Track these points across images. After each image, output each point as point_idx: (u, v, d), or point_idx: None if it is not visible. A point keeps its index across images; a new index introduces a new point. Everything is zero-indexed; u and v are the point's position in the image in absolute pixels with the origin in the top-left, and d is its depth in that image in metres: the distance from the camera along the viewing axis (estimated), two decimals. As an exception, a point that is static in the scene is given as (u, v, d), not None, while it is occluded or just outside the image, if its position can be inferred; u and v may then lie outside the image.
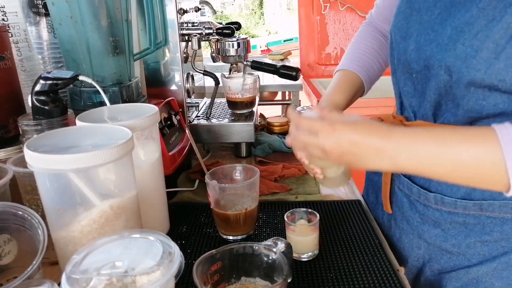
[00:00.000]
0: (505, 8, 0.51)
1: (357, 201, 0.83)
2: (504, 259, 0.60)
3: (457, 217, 0.63)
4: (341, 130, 0.53)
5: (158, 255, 0.38)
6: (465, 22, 0.55)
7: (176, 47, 0.96)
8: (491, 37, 0.52)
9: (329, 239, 0.69)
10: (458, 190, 0.62)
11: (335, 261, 0.63)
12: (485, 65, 0.54)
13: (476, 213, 0.61)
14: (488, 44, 0.53)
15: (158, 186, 0.69)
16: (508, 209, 0.59)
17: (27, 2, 0.79)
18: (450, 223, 0.64)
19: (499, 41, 0.52)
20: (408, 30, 0.65)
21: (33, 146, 0.47)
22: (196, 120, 1.06)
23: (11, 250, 0.52)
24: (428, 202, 0.65)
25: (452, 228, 0.64)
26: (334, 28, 2.37)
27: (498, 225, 0.60)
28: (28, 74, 0.81)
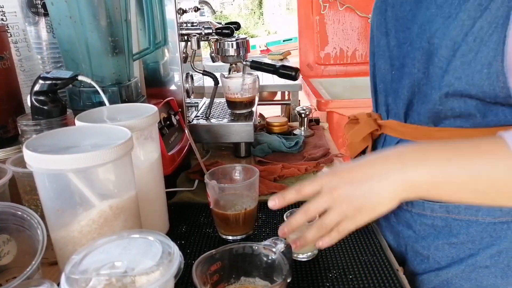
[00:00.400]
0: (459, 5, 0.52)
1: (356, 201, 0.82)
2: (471, 261, 0.61)
3: (425, 219, 0.64)
4: (340, 171, 0.51)
5: (157, 255, 0.38)
6: (426, 20, 0.56)
7: (176, 47, 0.96)
8: (448, 34, 0.53)
9: (329, 239, 0.69)
10: None
11: (335, 261, 0.63)
12: (445, 63, 0.54)
13: (443, 215, 0.62)
14: (447, 42, 0.53)
15: (158, 186, 0.69)
16: (473, 211, 0.59)
17: (26, 2, 0.79)
18: (420, 224, 0.65)
19: (455, 39, 0.52)
20: (387, 26, 0.66)
21: (32, 146, 0.47)
22: (195, 120, 1.06)
23: (10, 250, 0.52)
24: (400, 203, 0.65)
25: (422, 230, 0.65)
26: (334, 28, 2.37)
27: (464, 228, 0.61)
28: (27, 74, 0.81)
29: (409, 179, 0.46)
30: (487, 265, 0.60)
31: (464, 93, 0.55)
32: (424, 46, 0.57)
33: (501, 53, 0.50)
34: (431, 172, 0.46)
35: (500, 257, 0.60)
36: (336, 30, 2.37)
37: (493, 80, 0.52)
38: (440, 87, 0.57)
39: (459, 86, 0.54)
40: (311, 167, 0.97)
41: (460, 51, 0.53)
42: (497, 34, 0.49)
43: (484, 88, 0.53)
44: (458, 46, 0.52)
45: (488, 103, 0.55)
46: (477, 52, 0.51)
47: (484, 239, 0.60)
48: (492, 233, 0.59)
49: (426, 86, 0.59)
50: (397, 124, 0.67)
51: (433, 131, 0.61)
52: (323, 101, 1.80)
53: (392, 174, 0.47)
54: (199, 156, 0.80)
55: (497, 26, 0.49)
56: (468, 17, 0.51)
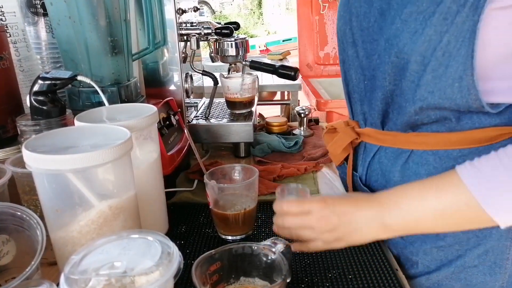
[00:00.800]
0: (425, 20, 0.51)
1: (356, 201, 0.82)
2: (460, 262, 0.62)
3: None
4: (332, 203, 0.56)
5: (157, 256, 0.38)
6: (393, 34, 0.55)
7: (175, 47, 0.96)
8: (417, 50, 0.53)
9: (328, 239, 0.69)
10: None
11: (334, 261, 0.63)
12: (417, 77, 0.55)
13: None
14: (416, 57, 0.53)
15: (157, 186, 0.69)
16: None
17: (25, 2, 0.79)
18: None
19: (424, 54, 0.52)
20: (353, 36, 0.65)
21: (32, 147, 0.47)
22: (195, 120, 1.06)
23: (9, 250, 0.52)
24: None
25: (410, 236, 0.66)
26: (333, 28, 2.37)
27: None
28: (27, 74, 0.81)
29: (386, 224, 0.54)
30: (475, 265, 0.62)
31: (438, 106, 0.55)
32: (393, 61, 0.56)
33: (471, 67, 0.50)
34: (402, 219, 0.53)
35: (487, 256, 0.61)
36: (335, 30, 2.36)
37: (465, 93, 0.52)
38: (414, 100, 0.57)
39: (432, 100, 0.55)
40: (310, 167, 0.97)
41: (430, 65, 0.52)
42: (465, 48, 0.49)
43: (457, 101, 0.53)
44: (428, 61, 0.52)
45: (459, 113, 0.56)
46: (447, 67, 0.51)
47: (471, 239, 0.61)
48: (477, 233, 0.60)
49: (400, 98, 0.59)
50: (376, 132, 0.67)
51: (411, 137, 0.62)
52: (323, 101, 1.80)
53: (373, 220, 0.54)
54: (198, 156, 0.80)
55: (464, 40, 0.49)
56: (435, 32, 0.50)
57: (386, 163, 0.67)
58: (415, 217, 0.52)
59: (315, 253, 0.65)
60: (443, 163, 0.60)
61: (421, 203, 0.52)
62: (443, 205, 0.50)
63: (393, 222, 0.53)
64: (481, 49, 0.49)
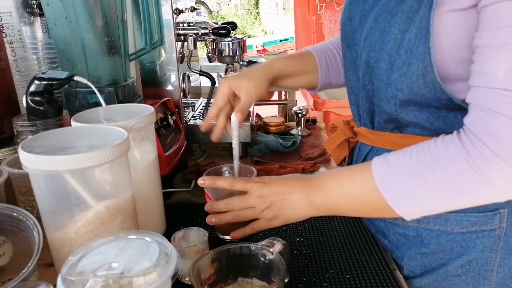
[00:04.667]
0: (390, 18, 0.53)
1: (353, 200, 0.83)
2: (443, 271, 0.62)
3: (398, 228, 0.65)
4: (270, 183, 0.59)
5: (154, 256, 0.38)
6: (367, 34, 0.58)
7: (172, 47, 0.96)
8: (384, 48, 0.54)
9: (326, 238, 0.69)
10: None
11: (332, 261, 0.63)
12: (385, 76, 0.56)
13: (414, 225, 0.63)
14: (384, 55, 0.55)
15: (154, 187, 0.69)
16: (442, 221, 0.60)
17: (22, 2, 0.79)
18: (393, 234, 0.66)
19: (391, 52, 0.54)
20: (346, 39, 0.68)
21: (28, 147, 0.47)
22: (192, 120, 1.06)
23: (6, 252, 0.52)
24: None
25: (396, 240, 0.66)
26: (330, 28, 2.37)
27: (434, 238, 0.61)
28: (23, 75, 0.80)
29: (313, 203, 0.57)
30: (458, 274, 0.61)
31: (411, 101, 0.55)
32: (366, 60, 0.59)
33: (430, 64, 0.51)
34: (323, 199, 0.57)
35: (471, 266, 0.60)
36: (332, 30, 2.37)
37: (431, 88, 0.52)
38: (387, 99, 0.58)
39: (403, 97, 0.55)
40: (308, 167, 0.97)
41: (396, 64, 0.54)
42: (423, 46, 0.50)
43: (426, 95, 0.53)
44: (394, 59, 0.54)
45: (439, 110, 0.55)
46: (409, 64, 0.52)
47: (454, 249, 0.60)
48: (461, 242, 0.60)
49: (377, 98, 0.61)
50: (367, 132, 0.67)
51: (398, 138, 0.62)
52: (320, 101, 1.80)
53: (303, 199, 0.58)
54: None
55: (421, 38, 0.50)
56: (399, 30, 0.52)
57: None
58: (333, 199, 0.56)
59: (312, 253, 0.65)
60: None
61: (338, 187, 0.56)
62: (354, 191, 0.54)
63: (318, 202, 0.57)
64: (438, 49, 0.50)
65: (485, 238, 0.59)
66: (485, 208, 0.58)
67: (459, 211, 0.58)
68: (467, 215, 0.58)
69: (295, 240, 0.69)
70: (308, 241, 0.69)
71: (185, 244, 0.59)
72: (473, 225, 0.59)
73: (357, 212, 0.58)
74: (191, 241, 0.60)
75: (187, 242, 0.60)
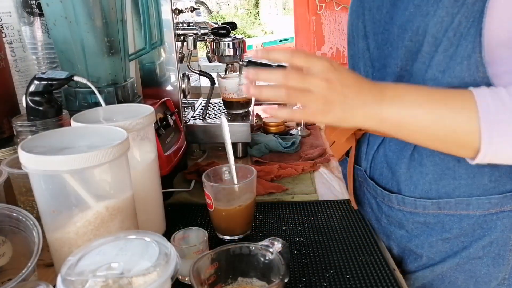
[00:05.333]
0: (436, 2, 0.54)
1: (353, 200, 0.83)
2: (465, 254, 0.63)
3: (418, 217, 0.65)
4: (339, 70, 0.51)
5: (154, 256, 0.38)
6: (406, 20, 0.58)
7: (172, 47, 0.96)
8: (429, 31, 0.55)
9: (326, 238, 0.69)
10: (415, 188, 0.64)
11: (332, 261, 0.63)
12: (428, 58, 0.57)
13: (435, 212, 0.63)
14: (428, 38, 0.56)
15: (154, 187, 0.69)
16: (464, 205, 0.61)
17: (21, 2, 0.79)
18: (412, 223, 0.66)
19: (437, 35, 0.55)
20: (365, 29, 0.67)
21: (28, 147, 0.47)
22: (192, 120, 1.06)
23: (5, 252, 0.52)
24: (391, 203, 0.68)
25: (415, 229, 0.66)
26: (330, 28, 2.37)
27: (456, 222, 0.63)
28: (22, 75, 0.80)
29: (381, 114, 0.51)
30: (479, 256, 0.63)
31: (446, 86, 0.56)
32: (407, 45, 0.59)
33: (479, 45, 0.52)
34: (401, 112, 0.51)
35: (492, 247, 0.62)
36: (332, 30, 2.37)
37: (473, 71, 0.54)
38: (424, 81, 0.58)
39: (442, 79, 0.56)
40: (308, 167, 0.97)
41: (442, 46, 0.55)
42: (474, 28, 0.52)
43: (465, 79, 0.55)
44: (440, 41, 0.55)
45: None
46: (457, 46, 0.54)
47: (476, 231, 0.62)
48: (483, 224, 0.62)
49: (408, 82, 0.61)
50: None
51: None
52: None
53: (370, 104, 0.51)
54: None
55: (474, 20, 0.52)
56: (447, 13, 0.53)
57: (391, 156, 0.67)
58: (412, 115, 0.50)
59: (312, 253, 0.65)
60: (448, 155, 0.60)
61: (424, 107, 0.50)
62: (445, 112, 0.49)
63: (389, 114, 0.51)
64: (487, 31, 0.51)
65: (505, 218, 0.61)
66: (505, 189, 0.60)
67: (480, 194, 0.60)
68: (488, 198, 0.60)
69: (295, 240, 0.69)
70: (308, 241, 0.69)
71: (185, 244, 0.59)
72: (494, 206, 0.60)
73: (430, 139, 0.52)
74: (191, 241, 0.60)
75: (187, 242, 0.60)
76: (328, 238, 0.69)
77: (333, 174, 0.97)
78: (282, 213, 0.79)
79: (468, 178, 0.61)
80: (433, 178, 0.63)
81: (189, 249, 0.58)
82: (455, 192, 0.62)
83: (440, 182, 0.62)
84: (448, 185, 0.62)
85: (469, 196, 0.61)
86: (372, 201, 0.74)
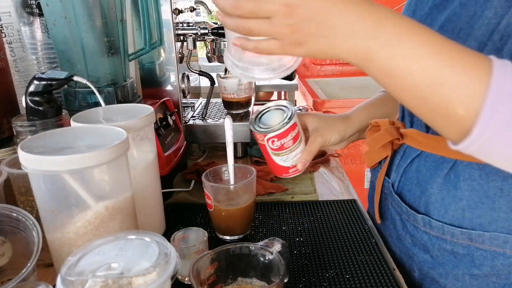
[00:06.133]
0: (485, 2, 0.49)
1: (352, 200, 0.83)
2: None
3: (445, 244, 0.58)
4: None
5: (154, 256, 0.38)
6: (448, 19, 0.53)
7: (172, 47, 0.96)
8: (473, 34, 0.49)
9: (325, 238, 0.69)
10: (445, 213, 0.57)
11: (332, 261, 0.63)
12: None
13: (465, 242, 0.55)
14: (471, 42, 0.50)
15: (154, 187, 0.69)
16: (500, 242, 0.53)
17: (21, 2, 0.79)
18: (438, 249, 0.59)
19: (481, 39, 0.49)
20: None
21: (27, 147, 0.47)
22: (191, 120, 1.06)
23: (5, 252, 0.52)
24: (417, 223, 0.61)
25: (441, 256, 0.59)
26: (329, 28, 2.37)
27: (488, 259, 0.54)
28: (22, 75, 0.80)
29: (369, 52, 0.41)
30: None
31: None
32: None
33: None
34: (394, 59, 0.41)
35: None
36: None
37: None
38: None
39: None
40: (307, 167, 0.97)
41: (485, 50, 0.49)
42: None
43: None
44: (484, 46, 0.49)
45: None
46: (500, 50, 0.48)
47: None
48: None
49: None
50: (419, 134, 0.60)
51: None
52: (319, 101, 1.80)
53: (358, 36, 0.41)
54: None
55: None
56: (495, 14, 0.47)
57: (424, 172, 0.60)
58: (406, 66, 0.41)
59: (312, 253, 0.65)
60: (490, 181, 0.52)
61: (427, 55, 0.40)
62: (448, 74, 0.40)
63: (379, 56, 0.41)
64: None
65: None
66: None
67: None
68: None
69: (294, 240, 0.69)
70: (308, 241, 0.69)
71: (185, 244, 0.59)
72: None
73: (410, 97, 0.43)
74: (191, 241, 0.60)
75: (187, 242, 0.60)
76: (328, 238, 0.69)
77: (333, 174, 0.97)
78: (281, 213, 0.79)
79: (509, 212, 0.52)
80: (467, 205, 0.54)
81: (189, 249, 0.58)
82: (492, 225, 0.53)
83: (475, 211, 0.54)
84: (484, 216, 0.53)
85: (508, 233, 0.52)
86: (396, 218, 0.66)
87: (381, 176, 0.68)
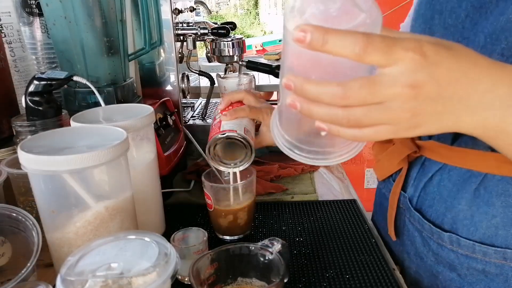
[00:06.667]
0: None
1: (352, 200, 0.83)
2: None
3: (475, 263, 0.54)
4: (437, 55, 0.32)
5: (154, 257, 0.38)
6: (501, 27, 0.45)
7: (171, 47, 0.96)
8: None
9: (325, 238, 0.69)
10: (476, 231, 0.53)
11: (332, 261, 0.63)
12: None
13: (499, 262, 0.52)
14: None
15: (154, 187, 0.68)
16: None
17: (20, 2, 0.79)
18: (467, 268, 0.55)
19: None
20: (433, 35, 0.54)
21: (27, 147, 0.47)
22: (191, 120, 1.06)
23: (5, 252, 0.52)
24: (442, 241, 0.57)
25: (470, 275, 0.55)
26: (329, 28, 2.36)
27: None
28: (22, 75, 0.80)
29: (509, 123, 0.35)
30: None
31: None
32: (496, 59, 0.39)
33: None
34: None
35: None
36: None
37: None
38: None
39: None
40: (307, 167, 0.97)
41: None
42: None
43: None
44: None
45: None
46: None
47: None
48: None
49: None
50: (441, 147, 0.56)
51: (490, 158, 0.50)
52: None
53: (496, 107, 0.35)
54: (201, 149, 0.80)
55: None
56: None
57: (449, 187, 0.56)
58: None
59: (312, 253, 0.65)
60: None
61: None
62: None
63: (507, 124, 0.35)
64: None
65: None
66: None
67: None
68: None
69: (294, 240, 0.69)
70: (308, 241, 0.69)
71: (185, 244, 0.59)
72: None
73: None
74: (191, 242, 0.60)
75: (187, 242, 0.60)
76: (328, 238, 0.69)
77: (332, 174, 0.97)
78: (281, 213, 0.79)
79: None
80: (501, 222, 0.51)
81: (188, 249, 0.58)
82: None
83: (510, 229, 0.51)
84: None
85: None
86: (415, 234, 0.62)
87: (397, 191, 0.64)
